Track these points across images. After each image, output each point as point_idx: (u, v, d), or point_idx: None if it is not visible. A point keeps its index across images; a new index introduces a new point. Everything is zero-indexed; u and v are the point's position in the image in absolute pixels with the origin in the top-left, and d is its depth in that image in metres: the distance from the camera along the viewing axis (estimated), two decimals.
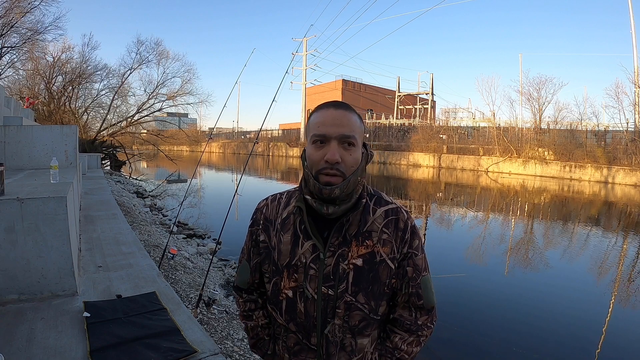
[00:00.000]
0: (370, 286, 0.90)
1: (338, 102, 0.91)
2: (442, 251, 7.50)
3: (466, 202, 15.09)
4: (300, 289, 0.91)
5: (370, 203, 0.94)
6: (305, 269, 0.90)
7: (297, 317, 0.93)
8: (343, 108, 0.89)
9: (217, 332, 3.13)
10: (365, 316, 0.91)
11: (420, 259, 0.95)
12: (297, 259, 0.91)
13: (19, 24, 15.01)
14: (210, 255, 5.93)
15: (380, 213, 0.93)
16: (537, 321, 4.53)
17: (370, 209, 0.93)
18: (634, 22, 24.05)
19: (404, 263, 0.94)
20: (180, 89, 22.38)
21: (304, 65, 42.25)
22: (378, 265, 0.90)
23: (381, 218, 0.92)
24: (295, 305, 0.92)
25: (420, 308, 0.96)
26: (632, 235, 9.76)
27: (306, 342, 0.94)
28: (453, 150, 28.84)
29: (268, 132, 49.18)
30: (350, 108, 0.91)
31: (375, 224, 0.91)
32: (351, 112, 0.89)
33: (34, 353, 2.01)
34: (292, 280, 0.92)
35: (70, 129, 4.84)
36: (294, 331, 0.95)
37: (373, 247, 0.90)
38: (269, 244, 0.98)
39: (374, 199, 0.95)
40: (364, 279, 0.89)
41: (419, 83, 45.02)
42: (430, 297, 0.96)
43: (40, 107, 18.18)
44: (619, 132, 22.83)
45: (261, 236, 0.99)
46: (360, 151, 0.90)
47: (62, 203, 2.69)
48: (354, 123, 0.88)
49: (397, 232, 0.92)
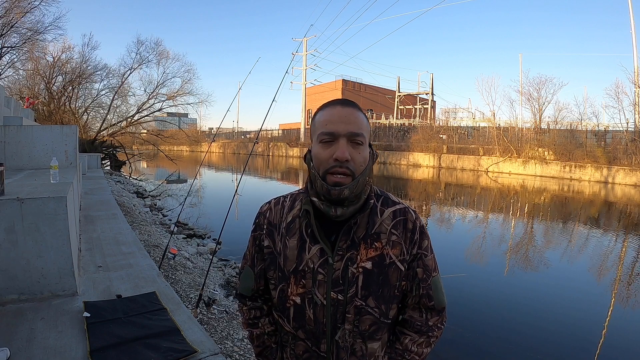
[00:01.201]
0: (380, 289, 0.88)
1: (345, 100, 0.89)
2: (442, 251, 7.49)
3: (466, 202, 15.09)
4: (308, 295, 0.89)
5: (378, 204, 0.92)
6: (313, 274, 0.88)
7: (307, 324, 0.90)
8: (351, 106, 0.87)
9: (217, 332, 3.13)
10: (375, 320, 0.89)
11: (430, 259, 0.94)
12: (305, 264, 0.88)
13: (19, 24, 15.02)
14: (210, 255, 5.93)
15: (388, 214, 0.91)
16: (537, 321, 4.53)
17: (378, 209, 0.91)
18: (634, 22, 24.07)
19: (414, 264, 0.92)
20: (180, 89, 22.43)
21: (304, 65, 42.28)
22: (388, 267, 0.88)
23: (389, 219, 0.90)
24: (303, 311, 0.90)
25: (431, 309, 0.95)
26: (632, 235, 9.76)
27: (315, 349, 0.91)
28: (453, 150, 28.83)
29: (268, 132, 49.20)
30: (357, 106, 0.88)
31: (384, 225, 0.89)
32: (358, 110, 0.87)
33: (34, 353, 2.01)
34: (299, 286, 0.89)
35: (70, 129, 4.84)
36: (302, 338, 0.92)
37: (382, 249, 0.88)
38: (273, 249, 0.94)
39: (381, 199, 0.93)
40: (374, 282, 0.88)
41: (419, 83, 45.10)
42: (440, 297, 0.95)
43: (40, 107, 18.18)
44: (619, 132, 22.83)
45: (265, 241, 0.96)
46: (367, 150, 0.87)
47: (62, 203, 2.69)
48: (362, 121, 0.86)
49: (406, 233, 0.90)
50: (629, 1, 24.34)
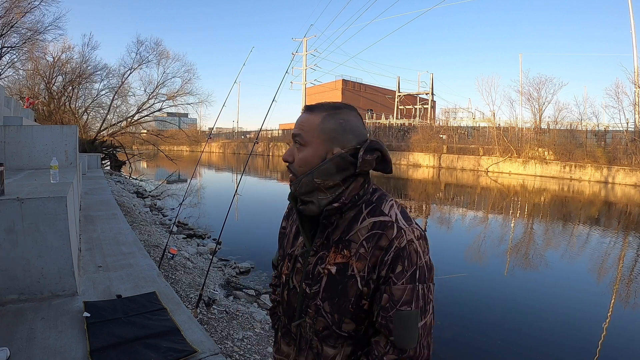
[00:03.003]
0: (337, 298, 0.85)
1: (309, 105, 0.90)
2: (442, 251, 7.50)
3: (466, 202, 15.10)
4: (289, 278, 0.96)
5: (364, 211, 0.85)
6: (294, 261, 0.94)
7: (284, 302, 0.98)
8: (309, 111, 0.89)
9: (217, 332, 3.13)
10: (328, 326, 0.87)
11: (400, 289, 0.79)
12: (293, 250, 0.96)
13: (19, 24, 15.02)
14: (210, 255, 5.94)
15: (367, 224, 0.83)
16: (538, 321, 4.53)
17: (361, 217, 0.85)
18: (634, 22, 24.08)
19: (382, 287, 0.81)
20: (180, 89, 22.40)
21: (304, 65, 42.26)
22: (348, 279, 0.83)
23: (365, 229, 0.83)
24: (283, 291, 0.98)
25: (393, 345, 0.80)
26: (632, 235, 9.76)
27: (288, 327, 0.98)
28: (453, 150, 28.84)
29: (268, 132, 49.19)
30: (320, 109, 0.88)
31: (358, 234, 0.83)
32: (316, 113, 0.87)
33: (34, 353, 2.01)
34: (287, 268, 0.97)
35: (70, 129, 4.83)
36: (282, 314, 1.01)
37: (349, 258, 0.83)
38: (286, 230, 1.04)
39: (371, 207, 0.85)
40: (333, 288, 0.85)
41: (419, 83, 45.07)
42: (405, 337, 0.79)
43: (40, 107, 18.18)
44: (619, 132, 22.84)
45: (283, 222, 1.07)
46: (313, 151, 0.86)
47: (62, 203, 2.69)
48: (310, 123, 0.86)
49: (375, 250, 0.80)
50: (629, 1, 24.37)
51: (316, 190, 0.86)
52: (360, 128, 0.90)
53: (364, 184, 0.88)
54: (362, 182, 0.88)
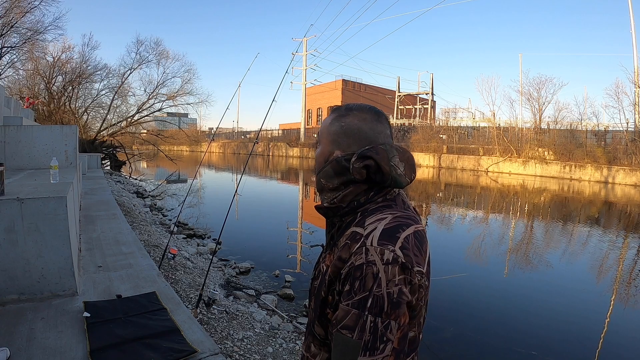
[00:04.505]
0: (315, 298, 0.85)
1: (335, 106, 0.95)
2: (443, 251, 7.50)
3: (466, 202, 15.10)
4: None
5: (357, 219, 0.82)
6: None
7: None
8: (331, 111, 0.93)
9: (217, 332, 3.13)
10: (311, 321, 0.87)
11: (343, 309, 0.71)
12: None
13: (19, 24, 15.03)
14: (210, 255, 5.94)
15: (348, 232, 0.80)
16: (538, 320, 4.53)
17: (353, 224, 0.81)
18: (634, 22, 24.08)
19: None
20: (180, 89, 22.46)
21: (304, 65, 42.27)
22: (322, 283, 0.82)
23: (345, 238, 0.79)
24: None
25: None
26: (632, 235, 9.76)
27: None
28: (453, 150, 28.84)
29: (268, 132, 49.21)
30: (335, 111, 0.92)
31: (341, 241, 0.81)
32: (331, 115, 0.92)
33: (34, 353, 2.01)
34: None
35: (70, 129, 4.83)
36: None
37: (330, 262, 0.81)
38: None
39: (362, 216, 0.81)
40: (317, 288, 0.85)
41: (419, 83, 45.04)
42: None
43: (40, 107, 18.17)
44: (619, 132, 22.84)
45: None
46: (321, 151, 0.91)
47: (62, 203, 2.69)
48: (324, 123, 0.93)
49: (337, 261, 0.77)
50: (629, 1, 24.37)
51: (324, 190, 0.89)
52: (365, 133, 0.86)
53: (369, 192, 0.83)
54: (365, 189, 0.83)
